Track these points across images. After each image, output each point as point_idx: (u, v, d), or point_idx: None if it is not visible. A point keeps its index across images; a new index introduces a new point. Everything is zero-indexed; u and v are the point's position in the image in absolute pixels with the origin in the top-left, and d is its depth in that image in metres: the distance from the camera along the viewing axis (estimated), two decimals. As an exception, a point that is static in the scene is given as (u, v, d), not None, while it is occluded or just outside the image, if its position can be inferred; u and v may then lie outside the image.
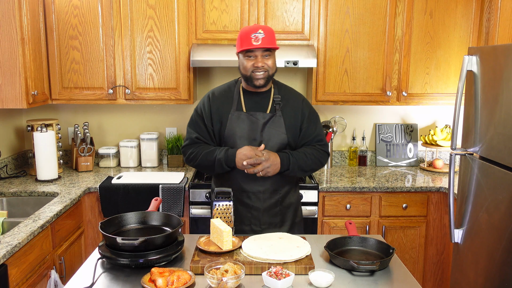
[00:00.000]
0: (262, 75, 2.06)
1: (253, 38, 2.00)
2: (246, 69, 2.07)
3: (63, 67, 3.09)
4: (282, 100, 2.18)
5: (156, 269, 1.56)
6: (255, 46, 2.00)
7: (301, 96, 2.26)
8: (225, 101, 2.19)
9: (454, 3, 3.11)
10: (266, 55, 2.05)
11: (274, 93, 2.19)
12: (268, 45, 2.01)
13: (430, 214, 3.02)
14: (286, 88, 2.26)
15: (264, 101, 2.17)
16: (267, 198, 2.17)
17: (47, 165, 2.95)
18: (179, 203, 2.87)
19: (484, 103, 2.23)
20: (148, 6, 3.05)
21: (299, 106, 2.20)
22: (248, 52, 2.04)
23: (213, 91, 2.25)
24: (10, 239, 1.99)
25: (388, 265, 1.73)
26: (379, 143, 3.58)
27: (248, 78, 2.10)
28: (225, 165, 2.09)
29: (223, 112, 2.17)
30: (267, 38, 2.01)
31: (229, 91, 2.21)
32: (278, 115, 2.15)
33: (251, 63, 2.05)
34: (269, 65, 2.06)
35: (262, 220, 2.18)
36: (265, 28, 2.04)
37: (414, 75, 3.19)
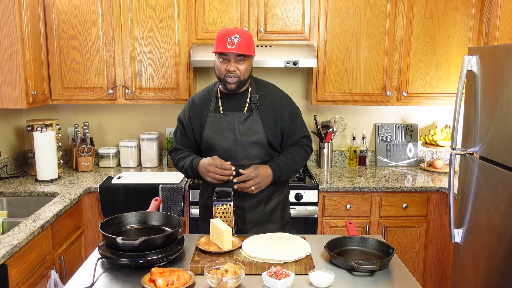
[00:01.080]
0: (234, 80, 2.06)
1: (228, 42, 1.99)
2: (220, 71, 2.08)
3: (63, 67, 3.09)
4: (259, 99, 2.17)
5: (156, 269, 1.56)
6: (228, 50, 1.99)
7: (280, 93, 2.24)
8: (204, 105, 2.21)
9: (454, 3, 3.11)
10: (240, 60, 2.04)
11: (251, 92, 2.18)
12: (241, 51, 2.00)
13: (430, 214, 3.02)
14: (264, 85, 2.24)
15: (241, 101, 2.17)
16: (251, 197, 2.15)
17: (47, 165, 2.95)
18: (179, 203, 2.87)
19: (484, 103, 2.23)
20: (148, 6, 3.05)
21: (277, 104, 2.18)
22: (222, 55, 2.04)
23: (192, 98, 2.27)
24: (10, 239, 1.99)
25: (388, 265, 1.73)
26: (379, 143, 3.58)
27: (221, 81, 2.11)
28: (191, 174, 2.14)
29: (202, 116, 2.19)
30: (242, 43, 2.00)
31: (208, 94, 2.23)
32: (255, 114, 2.14)
33: (224, 66, 2.05)
34: (241, 70, 2.05)
35: (247, 219, 2.17)
36: (243, 32, 2.03)
37: (414, 75, 3.19)
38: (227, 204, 1.97)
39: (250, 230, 2.17)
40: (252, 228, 2.18)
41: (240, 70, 2.05)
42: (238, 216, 2.17)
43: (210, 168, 2.03)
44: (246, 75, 2.10)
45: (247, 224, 2.18)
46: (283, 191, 2.29)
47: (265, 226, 2.20)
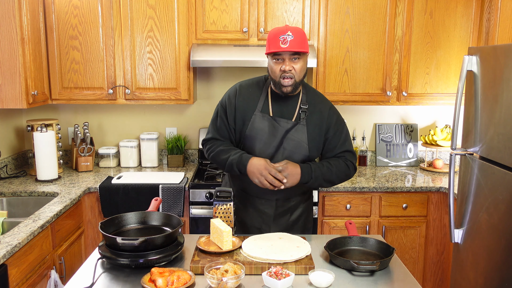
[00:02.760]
0: (290, 82, 1.96)
1: (281, 40, 1.90)
2: (275, 73, 1.97)
3: (63, 67, 3.09)
4: (308, 108, 2.07)
5: (156, 269, 1.56)
6: (282, 49, 1.90)
7: (329, 104, 2.15)
8: (252, 97, 2.09)
9: (454, 3, 3.11)
10: (295, 58, 1.94)
11: (302, 99, 2.08)
12: (295, 49, 1.90)
13: (430, 214, 3.02)
14: (315, 93, 2.15)
15: (291, 107, 2.07)
16: (279, 206, 2.12)
17: (47, 165, 2.95)
18: (179, 203, 2.87)
19: (484, 103, 2.23)
20: (148, 6, 3.05)
21: (325, 114, 2.09)
22: (276, 55, 1.94)
23: (240, 84, 2.14)
24: (10, 239, 1.99)
25: (388, 265, 1.73)
26: (379, 143, 3.58)
27: (276, 84, 2.00)
28: (236, 169, 2.01)
29: (248, 110, 2.07)
30: (296, 41, 1.90)
31: (257, 87, 2.11)
32: (302, 124, 2.04)
33: (279, 66, 1.95)
34: (296, 69, 1.95)
35: (272, 226, 2.13)
36: (295, 30, 1.93)
37: (414, 75, 3.19)
38: (227, 204, 1.97)
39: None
40: None
41: (296, 69, 1.95)
42: (264, 221, 2.13)
43: (264, 172, 1.91)
44: (301, 75, 1.99)
45: (271, 230, 2.13)
46: (309, 198, 2.24)
47: None
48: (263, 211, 2.13)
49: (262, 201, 2.12)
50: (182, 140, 3.44)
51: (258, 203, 2.13)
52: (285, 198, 2.13)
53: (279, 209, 2.13)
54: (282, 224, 2.15)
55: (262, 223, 2.14)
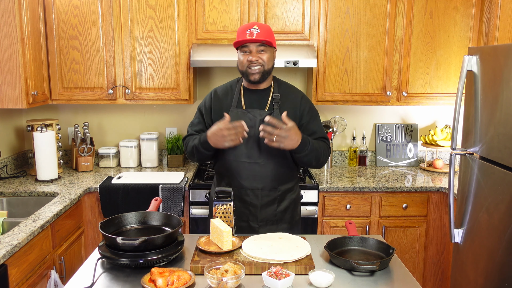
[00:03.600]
0: (257, 70, 2.07)
1: (248, 33, 2.02)
2: (242, 64, 2.09)
3: (63, 67, 3.09)
4: (281, 98, 2.18)
5: (156, 269, 1.56)
6: (248, 39, 2.02)
7: (301, 93, 2.26)
8: (226, 98, 2.22)
9: (454, 3, 3.11)
10: (261, 50, 2.06)
11: (273, 90, 2.19)
12: (261, 38, 2.02)
13: (430, 214, 3.02)
14: (286, 85, 2.27)
15: (263, 99, 2.18)
16: (265, 196, 2.18)
17: (47, 165, 2.95)
18: (179, 203, 2.87)
19: (484, 103, 2.23)
20: (148, 6, 3.05)
21: (297, 103, 2.20)
22: (244, 47, 2.07)
23: (215, 89, 2.28)
24: (10, 239, 1.99)
25: (388, 265, 1.73)
26: (379, 143, 3.58)
27: (244, 74, 2.12)
28: (202, 148, 2.10)
29: (224, 109, 2.18)
30: (262, 33, 2.03)
31: (231, 89, 2.24)
32: (276, 113, 2.13)
33: (246, 57, 2.07)
34: (263, 59, 2.06)
35: (260, 217, 2.19)
36: (262, 25, 2.07)
37: (414, 75, 3.19)
38: (227, 204, 1.97)
39: (261, 228, 2.18)
40: (264, 227, 2.20)
41: (263, 59, 2.06)
42: (251, 213, 2.19)
43: (224, 132, 1.99)
44: (269, 65, 2.10)
45: (259, 221, 2.20)
46: (295, 191, 2.31)
47: (276, 225, 2.22)
48: (249, 202, 2.19)
49: (247, 191, 2.18)
50: (182, 140, 3.44)
51: (244, 194, 2.18)
52: (270, 188, 2.19)
53: (265, 199, 2.19)
54: (269, 213, 2.20)
55: (249, 214, 2.20)
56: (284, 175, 2.21)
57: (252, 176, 2.16)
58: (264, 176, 2.16)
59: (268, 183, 2.18)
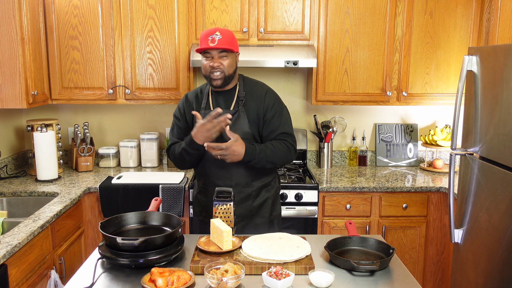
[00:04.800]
0: (219, 76, 2.13)
1: (210, 40, 2.07)
2: (205, 69, 2.15)
3: (63, 67, 3.09)
4: (246, 96, 2.23)
5: (156, 269, 1.56)
6: (210, 47, 2.07)
7: (265, 88, 2.29)
8: (196, 101, 2.28)
9: (454, 3, 3.11)
10: (223, 56, 2.11)
11: (239, 90, 2.24)
12: (222, 46, 2.07)
13: (430, 214, 3.02)
14: (252, 82, 2.30)
15: (229, 99, 2.24)
16: (238, 192, 2.20)
17: (47, 165, 2.95)
18: (179, 203, 2.87)
19: (484, 103, 2.23)
20: (148, 6, 3.05)
21: (261, 98, 2.23)
22: (206, 53, 2.12)
23: (186, 94, 2.35)
24: (10, 239, 1.99)
25: (388, 265, 1.73)
26: (379, 143, 3.58)
27: (207, 78, 2.18)
28: (190, 148, 2.13)
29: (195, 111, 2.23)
30: (224, 40, 2.08)
31: (200, 92, 2.31)
32: (241, 111, 2.19)
33: (209, 63, 2.12)
34: (224, 65, 2.12)
35: (236, 213, 2.18)
36: (223, 30, 2.11)
37: (414, 75, 3.19)
38: (227, 204, 1.97)
39: (237, 224, 2.22)
40: (239, 222, 2.23)
41: (224, 65, 2.12)
42: None
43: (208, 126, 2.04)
44: (230, 70, 2.15)
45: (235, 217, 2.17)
46: (273, 187, 2.34)
47: (252, 221, 2.26)
48: None
49: None
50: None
51: None
52: (243, 184, 2.23)
53: (238, 195, 2.21)
54: (245, 208, 2.23)
55: None
56: (257, 170, 2.22)
57: (224, 174, 2.21)
58: (236, 173, 2.20)
59: (240, 180, 2.21)
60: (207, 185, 2.27)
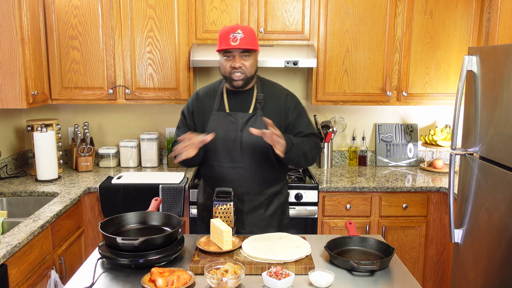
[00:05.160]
0: (240, 77, 2.03)
1: (231, 38, 1.97)
2: (225, 69, 2.05)
3: (63, 67, 3.09)
4: (265, 98, 2.12)
5: (156, 269, 1.56)
6: (232, 46, 1.97)
7: (285, 91, 2.19)
8: (209, 100, 2.17)
9: (454, 3, 3.11)
10: (245, 56, 2.02)
11: (257, 91, 2.14)
12: (245, 46, 1.97)
13: (430, 214, 3.02)
14: (270, 84, 2.21)
15: (247, 100, 2.13)
16: (250, 201, 2.13)
17: (47, 165, 2.95)
18: (179, 203, 2.87)
19: (484, 103, 2.23)
20: (148, 6, 3.05)
21: (282, 101, 2.13)
22: (227, 52, 2.01)
23: (198, 91, 2.25)
24: (10, 239, 1.99)
25: (388, 265, 1.73)
26: (379, 143, 3.58)
27: (227, 79, 2.08)
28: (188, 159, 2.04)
29: (206, 112, 2.15)
30: (246, 39, 1.97)
31: (214, 90, 2.20)
32: (259, 115, 2.08)
33: (229, 63, 2.02)
34: (246, 66, 2.02)
35: (246, 222, 2.13)
36: (245, 28, 2.00)
37: (414, 75, 3.19)
38: (227, 204, 1.97)
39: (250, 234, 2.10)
40: (250, 231, 2.14)
41: (246, 66, 2.02)
42: (237, 219, 2.13)
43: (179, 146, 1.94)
44: (252, 71, 2.05)
45: (245, 227, 2.14)
46: (283, 194, 2.25)
47: (264, 231, 2.13)
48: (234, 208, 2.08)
49: None
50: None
51: None
52: (256, 192, 2.13)
53: (250, 204, 2.13)
54: (256, 218, 2.14)
55: (235, 220, 2.10)
56: (270, 177, 2.15)
57: (236, 180, 2.10)
58: (249, 180, 2.10)
59: (253, 187, 2.12)
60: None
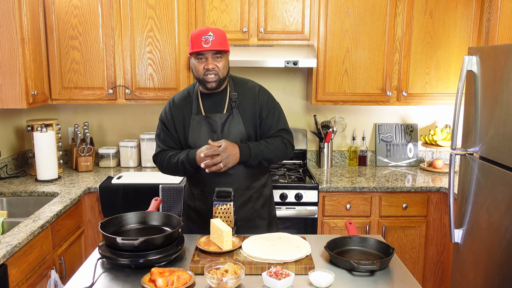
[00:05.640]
0: (213, 78, 2.05)
1: (203, 41, 2.00)
2: (198, 72, 2.06)
3: (63, 67, 3.09)
4: (238, 96, 2.15)
5: (156, 269, 1.56)
6: (204, 48, 1.99)
7: (257, 86, 2.22)
8: (185, 106, 2.18)
9: (454, 3, 3.11)
10: (217, 57, 2.04)
11: (230, 91, 2.16)
12: (217, 47, 2.00)
13: (430, 214, 3.02)
14: (242, 82, 2.23)
15: (221, 101, 2.16)
16: (240, 196, 2.15)
17: (47, 165, 2.95)
18: (179, 203, 2.87)
19: (484, 103, 2.23)
20: (148, 6, 3.05)
21: (255, 97, 2.16)
22: (199, 55, 2.04)
23: (173, 98, 2.24)
24: (10, 239, 1.99)
25: (388, 265, 1.73)
26: (379, 143, 3.58)
27: (200, 81, 2.10)
28: (188, 166, 2.08)
29: (185, 118, 2.17)
30: (217, 41, 2.01)
31: (188, 96, 2.21)
32: (235, 113, 2.12)
33: (202, 65, 2.04)
34: (219, 67, 2.05)
35: (238, 217, 2.14)
36: (216, 30, 2.04)
37: (414, 75, 3.19)
38: (227, 204, 1.97)
39: (241, 228, 2.15)
40: (244, 225, 2.17)
41: (219, 67, 2.05)
42: None
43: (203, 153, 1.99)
44: (225, 72, 2.09)
45: (237, 222, 2.15)
46: (269, 184, 2.30)
47: (254, 222, 2.19)
48: None
49: None
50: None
51: None
52: (244, 188, 2.16)
53: (240, 200, 2.15)
54: (246, 212, 2.18)
55: None
56: (255, 171, 2.18)
57: (224, 179, 2.12)
58: (235, 177, 2.13)
59: (241, 183, 2.15)
60: (206, 192, 2.17)
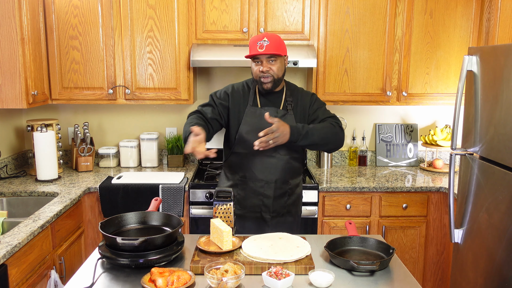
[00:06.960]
0: (268, 80, 2.21)
1: (258, 45, 2.17)
2: (255, 73, 2.24)
3: (63, 67, 3.09)
4: (293, 101, 2.33)
5: (156, 269, 1.56)
6: (258, 52, 2.17)
7: (309, 93, 2.40)
8: (243, 95, 2.35)
9: (454, 3, 3.11)
10: (271, 60, 2.20)
11: (286, 94, 2.34)
12: (270, 52, 2.15)
13: (430, 214, 3.02)
14: (297, 89, 2.40)
15: (277, 100, 2.33)
16: (278, 188, 2.31)
17: (47, 165, 2.95)
18: (179, 203, 2.87)
19: (484, 103, 2.23)
20: (148, 6, 3.05)
21: (307, 101, 2.34)
22: (255, 58, 2.21)
23: (233, 85, 2.39)
24: (10, 239, 1.99)
25: (388, 265, 1.73)
26: (379, 143, 3.58)
27: (257, 82, 2.27)
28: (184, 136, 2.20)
29: (241, 106, 2.32)
30: (272, 45, 2.16)
31: (247, 87, 2.37)
32: (289, 114, 2.29)
33: (258, 68, 2.22)
34: (274, 70, 2.20)
35: (272, 208, 2.32)
36: (271, 36, 2.20)
37: (414, 75, 3.19)
38: (227, 204, 1.97)
39: (272, 220, 2.31)
40: (274, 218, 2.33)
41: (273, 69, 2.20)
42: (264, 204, 2.31)
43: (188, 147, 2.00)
44: (280, 74, 2.24)
45: (271, 213, 2.33)
46: (300, 186, 2.45)
47: (284, 217, 2.36)
48: (263, 194, 2.31)
49: (262, 183, 2.30)
50: (182, 140, 3.44)
51: (259, 186, 2.31)
52: (283, 181, 2.32)
53: (278, 191, 2.32)
54: (280, 205, 2.34)
55: (262, 205, 2.32)
56: (294, 169, 2.35)
57: (267, 168, 2.28)
58: (278, 169, 2.29)
59: (281, 176, 2.30)
60: (248, 178, 2.31)
